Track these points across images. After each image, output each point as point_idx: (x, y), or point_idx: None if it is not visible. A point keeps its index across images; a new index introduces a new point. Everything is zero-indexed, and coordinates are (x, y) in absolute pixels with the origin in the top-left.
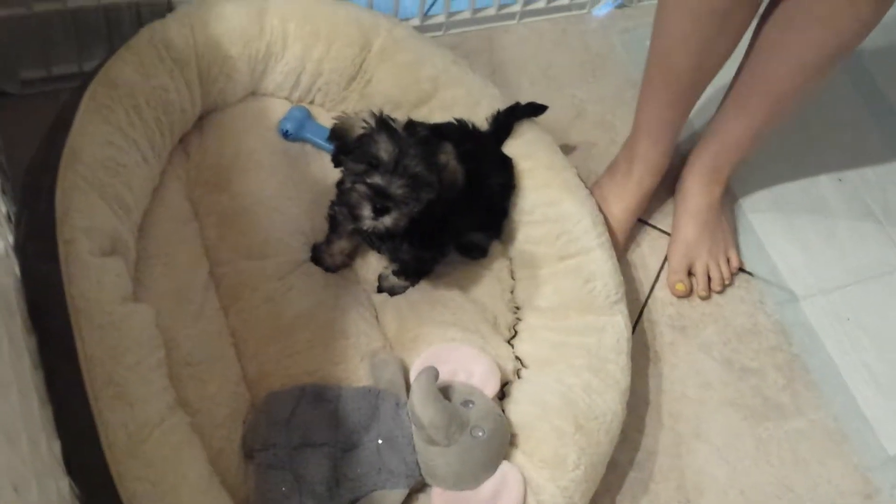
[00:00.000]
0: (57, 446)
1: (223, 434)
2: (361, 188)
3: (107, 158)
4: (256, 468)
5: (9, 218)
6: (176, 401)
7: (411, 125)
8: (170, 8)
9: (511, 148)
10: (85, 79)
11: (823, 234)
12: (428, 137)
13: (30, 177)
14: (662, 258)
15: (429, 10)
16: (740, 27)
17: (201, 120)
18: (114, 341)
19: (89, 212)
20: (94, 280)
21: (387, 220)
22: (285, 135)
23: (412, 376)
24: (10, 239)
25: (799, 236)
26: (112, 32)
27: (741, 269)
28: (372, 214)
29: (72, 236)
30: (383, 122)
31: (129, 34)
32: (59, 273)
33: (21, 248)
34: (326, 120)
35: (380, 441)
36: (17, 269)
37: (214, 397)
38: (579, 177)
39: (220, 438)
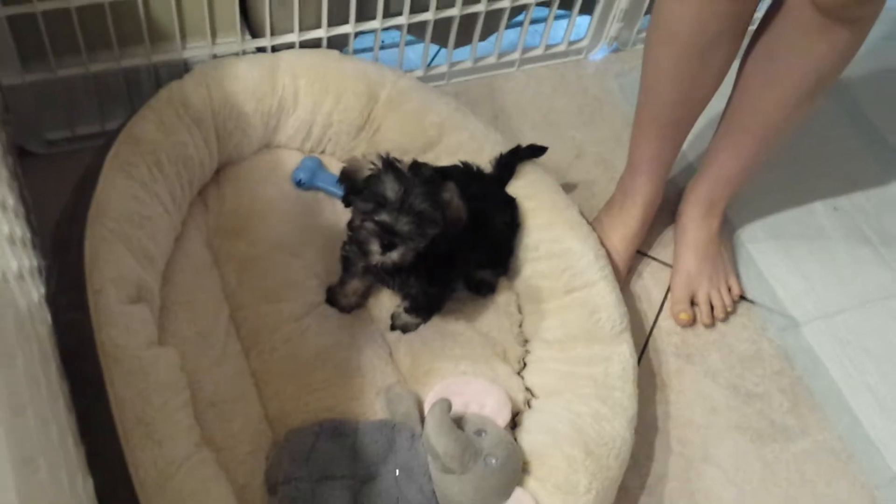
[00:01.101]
0: (90, 484)
1: (247, 470)
2: (370, 225)
3: (131, 212)
4: (280, 501)
5: (39, 271)
6: (202, 438)
7: (416, 166)
8: (186, 68)
9: (515, 188)
10: (108, 137)
11: (822, 262)
12: (432, 177)
13: (59, 231)
14: (665, 289)
15: (431, 61)
16: (723, 63)
17: (219, 172)
18: (142, 384)
19: (116, 262)
20: (121, 327)
21: (394, 255)
22: (298, 184)
23: (426, 409)
24: (42, 290)
25: (798, 264)
26: (132, 93)
27: (743, 298)
28: (380, 249)
29: (100, 286)
30: (389, 164)
31: (149, 94)
32: (89, 321)
33: (53, 299)
34: (337, 168)
35: (397, 472)
36: (49, 319)
37: (238, 435)
38: (581, 214)
39: (244, 474)
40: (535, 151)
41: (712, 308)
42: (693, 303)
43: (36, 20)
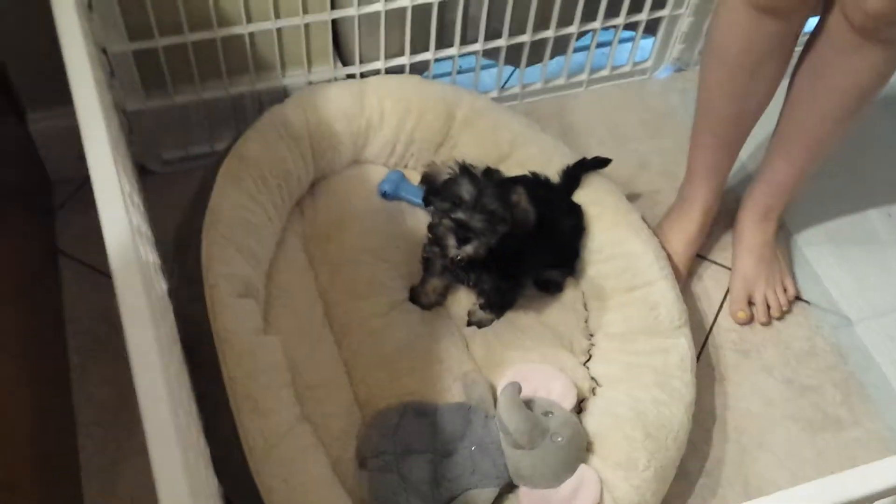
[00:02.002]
0: (211, 471)
1: (340, 445)
2: (447, 222)
3: (240, 219)
4: (369, 473)
5: (161, 269)
6: (301, 414)
7: (489, 171)
8: (286, 94)
9: (581, 196)
10: (219, 155)
11: (874, 264)
12: (503, 181)
13: (179, 236)
14: (724, 290)
15: (505, 83)
16: (772, 80)
17: (313, 185)
18: (250, 365)
19: (228, 262)
20: (233, 317)
21: (468, 249)
22: (384, 195)
23: (499, 393)
24: (165, 286)
25: (851, 266)
26: (237, 116)
27: (798, 298)
28: (456, 244)
29: (215, 282)
30: (465, 169)
31: (252, 117)
32: (205, 312)
33: (174, 293)
34: (419, 181)
35: (473, 448)
36: (172, 309)
37: (331, 415)
38: (643, 219)
39: (337, 448)
40: (600, 163)
41: (769, 307)
42: (751, 303)
43: (157, 54)
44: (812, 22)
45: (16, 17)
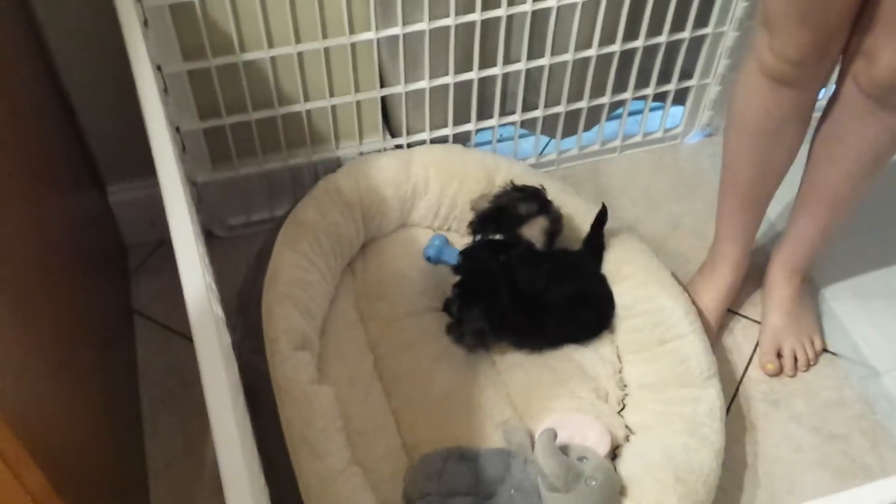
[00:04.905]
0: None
1: (388, 487)
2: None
3: (297, 278)
4: None
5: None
6: (352, 458)
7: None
8: (339, 164)
9: (614, 255)
10: (278, 220)
11: None
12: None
13: (242, 294)
14: (754, 343)
15: (543, 150)
16: (792, 145)
17: (364, 247)
18: (307, 412)
19: (286, 317)
20: (291, 367)
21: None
22: (428, 259)
23: (536, 439)
24: (228, 339)
25: (878, 320)
26: (295, 184)
27: (825, 350)
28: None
29: (275, 336)
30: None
31: (308, 185)
32: (265, 362)
33: (238, 346)
34: (461, 242)
35: (512, 491)
36: (235, 360)
37: (381, 459)
38: (673, 276)
39: (385, 491)
40: (601, 215)
41: (796, 361)
42: (779, 355)
43: (224, 131)
44: (828, 88)
45: (101, 108)
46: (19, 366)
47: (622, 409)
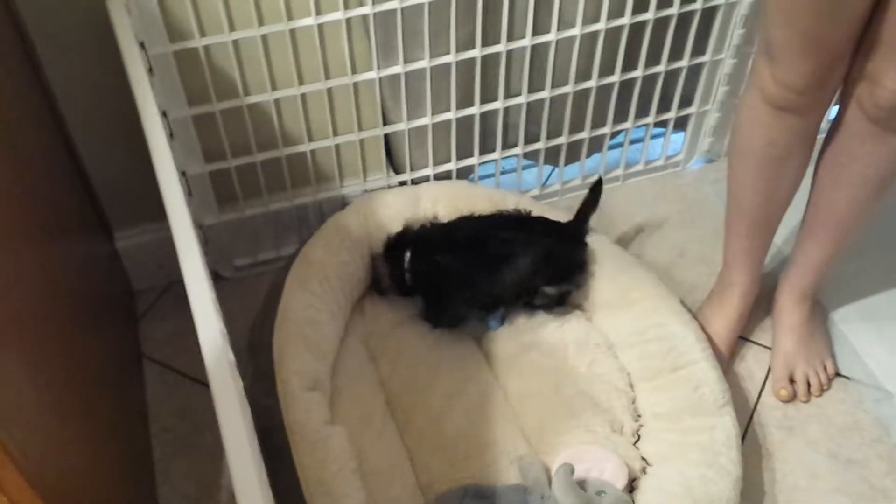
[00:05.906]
0: None
1: None
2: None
3: (307, 318)
4: None
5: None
6: (368, 498)
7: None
8: (344, 202)
9: (622, 282)
10: (288, 259)
11: None
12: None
13: (252, 335)
14: (767, 369)
15: (546, 181)
16: (796, 171)
17: None
18: (321, 454)
19: (298, 358)
20: (303, 409)
21: None
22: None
23: (553, 474)
24: (241, 382)
25: (890, 342)
26: (301, 224)
27: (838, 374)
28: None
29: (286, 377)
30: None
31: (314, 224)
32: (278, 405)
33: (250, 388)
34: None
35: None
36: (248, 403)
37: (396, 498)
38: (682, 302)
39: None
40: (595, 187)
41: (809, 385)
42: (792, 381)
43: (230, 173)
44: (832, 112)
45: (106, 155)
46: (31, 413)
47: (637, 440)
